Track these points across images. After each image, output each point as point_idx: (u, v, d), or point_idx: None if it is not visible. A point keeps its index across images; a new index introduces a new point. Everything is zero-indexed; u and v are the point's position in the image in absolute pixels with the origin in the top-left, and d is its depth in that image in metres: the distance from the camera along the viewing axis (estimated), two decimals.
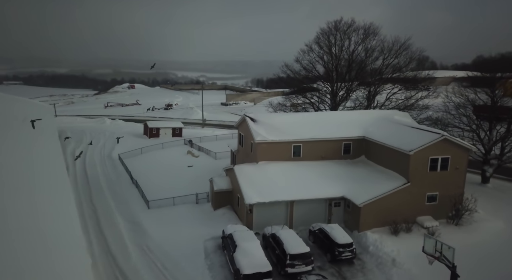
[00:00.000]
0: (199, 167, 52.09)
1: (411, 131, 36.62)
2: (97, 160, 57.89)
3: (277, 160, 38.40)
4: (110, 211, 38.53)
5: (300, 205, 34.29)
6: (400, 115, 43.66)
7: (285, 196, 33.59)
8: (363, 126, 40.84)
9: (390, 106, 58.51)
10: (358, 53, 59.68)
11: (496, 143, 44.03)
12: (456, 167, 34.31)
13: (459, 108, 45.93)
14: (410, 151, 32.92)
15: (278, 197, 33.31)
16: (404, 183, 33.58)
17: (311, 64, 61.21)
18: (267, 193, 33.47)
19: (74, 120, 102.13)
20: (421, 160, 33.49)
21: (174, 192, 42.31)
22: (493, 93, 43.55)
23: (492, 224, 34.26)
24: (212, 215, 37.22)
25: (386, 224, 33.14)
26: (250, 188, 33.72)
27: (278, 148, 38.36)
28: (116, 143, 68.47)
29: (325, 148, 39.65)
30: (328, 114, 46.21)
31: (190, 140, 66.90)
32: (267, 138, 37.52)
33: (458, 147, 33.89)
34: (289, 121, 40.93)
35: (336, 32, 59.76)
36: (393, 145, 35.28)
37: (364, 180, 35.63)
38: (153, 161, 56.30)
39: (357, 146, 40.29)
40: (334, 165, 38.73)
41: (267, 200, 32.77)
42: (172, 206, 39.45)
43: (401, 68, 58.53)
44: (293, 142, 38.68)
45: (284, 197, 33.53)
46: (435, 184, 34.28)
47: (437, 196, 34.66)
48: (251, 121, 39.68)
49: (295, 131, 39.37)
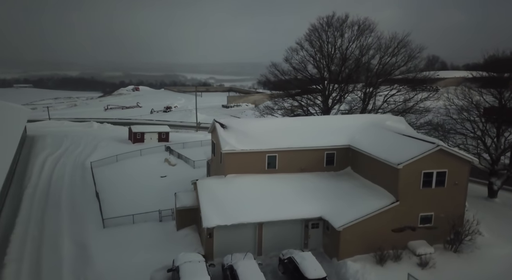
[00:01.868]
0: (174, 177, 47.25)
1: (403, 140, 31.37)
2: (68, 168, 53.41)
3: (249, 173, 33.42)
4: (59, 232, 33.90)
5: (271, 227, 29.27)
6: (393, 120, 38.34)
7: (252, 217, 28.58)
8: (350, 133, 35.67)
9: (387, 109, 53.20)
10: (352, 51, 54.46)
11: (505, 151, 38.54)
12: (455, 183, 29.02)
13: (462, 112, 40.52)
14: (398, 165, 27.71)
15: (244, 219, 28.31)
16: (392, 202, 28.39)
17: (301, 63, 56.10)
18: (232, 214, 28.50)
19: (61, 124, 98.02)
20: (413, 174, 28.28)
21: (139, 207, 37.75)
22: (501, 95, 38.07)
23: (499, 250, 28.84)
24: (173, 236, 32.35)
25: (371, 250, 28.07)
26: (211, 208, 28.79)
27: (250, 159, 33.38)
28: (95, 149, 64.02)
29: (305, 158, 34.58)
30: (311, 119, 41.08)
31: (169, 146, 61.89)
32: (236, 148, 32.56)
33: (457, 159, 28.60)
34: (265, 127, 35.89)
35: (328, 28, 54.62)
36: (380, 156, 30.09)
37: (347, 197, 30.51)
38: (127, 170, 51.66)
39: (342, 156, 35.15)
40: (315, 179, 33.63)
41: (229, 222, 27.76)
42: (131, 225, 34.73)
43: (400, 67, 53.16)
44: (267, 152, 33.66)
45: (251, 218, 28.53)
46: (429, 203, 29.05)
47: (432, 217, 29.42)
48: (220, 128, 34.79)
49: (271, 139, 34.36)
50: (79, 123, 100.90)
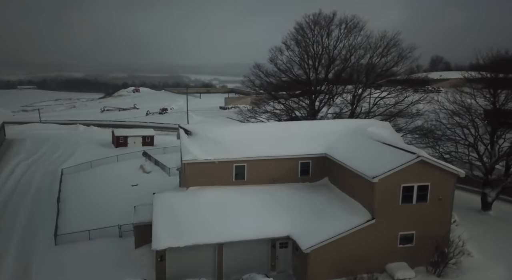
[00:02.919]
0: (146, 185, 44.11)
1: (383, 149, 28.09)
2: (38, 175, 50.53)
3: (214, 185, 30.29)
4: (6, 248, 30.90)
5: (233, 248, 26.06)
6: (378, 125, 35.07)
7: (210, 237, 25.37)
8: (328, 140, 32.46)
9: (378, 112, 49.90)
10: (340, 50, 51.16)
11: (499, 159, 35.18)
12: (439, 198, 25.75)
13: (453, 116, 37.19)
14: (373, 178, 24.47)
15: (201, 239, 25.10)
16: (367, 220, 25.16)
17: (286, 64, 52.86)
18: (188, 233, 25.30)
19: (47, 126, 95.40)
20: (390, 189, 25.04)
21: (102, 220, 34.80)
22: (495, 97, 34.72)
23: (488, 274, 25.53)
24: (129, 256, 29.20)
25: (344, 274, 24.88)
26: (164, 226, 25.61)
27: (215, 170, 30.24)
28: (73, 155, 61.17)
29: (277, 168, 31.40)
30: (286, 125, 37.87)
31: (145, 152, 58.76)
32: (198, 157, 29.43)
33: (441, 171, 25.32)
34: (235, 134, 32.74)
35: (315, 27, 51.38)
36: (356, 168, 26.86)
37: (320, 213, 27.31)
38: (99, 177, 48.65)
39: (318, 166, 31.95)
40: (287, 191, 30.41)
41: (183, 243, 24.56)
42: (87, 241, 31.71)
43: (390, 68, 49.84)
44: (234, 162, 30.49)
45: (209, 238, 25.31)
46: (410, 221, 25.81)
47: (413, 237, 26.17)
48: (184, 135, 31.70)
49: (240, 147, 31.21)
50: (65, 126, 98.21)
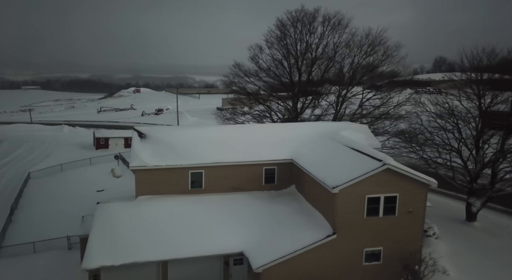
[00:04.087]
0: (112, 191, 41.51)
1: (350, 155, 25.41)
2: (4, 179, 48.08)
3: (167, 194, 27.67)
4: None
5: (179, 266, 23.37)
6: (353, 129, 32.34)
7: (153, 254, 22.65)
8: (297, 145, 29.81)
9: (362, 114, 47.19)
10: (324, 48, 48.45)
11: (485, 166, 32.37)
12: (409, 211, 23.06)
13: (436, 120, 34.43)
14: (333, 188, 21.79)
15: (141, 256, 22.41)
16: (327, 235, 22.46)
17: (267, 62, 50.23)
18: (127, 250, 22.63)
19: (32, 127, 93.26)
20: (354, 200, 22.38)
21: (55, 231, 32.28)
22: (480, 99, 31.90)
23: None
24: (72, 272, 26.56)
25: None
26: (101, 241, 22.97)
27: (168, 177, 27.59)
28: (47, 157, 58.82)
29: (239, 175, 28.72)
30: (253, 128, 35.19)
31: (117, 155, 56.13)
32: (147, 163, 26.80)
33: (411, 181, 22.62)
34: (194, 137, 30.09)
35: (297, 23, 48.75)
36: (317, 176, 24.19)
37: (280, 226, 24.61)
38: (66, 182, 46.16)
39: (285, 173, 29.26)
40: (248, 201, 27.73)
41: (118, 262, 21.87)
42: (31, 254, 29.18)
43: (375, 67, 47.09)
44: (190, 168, 27.84)
45: (151, 255, 22.61)
46: (377, 236, 23.13)
47: (380, 253, 23.45)
48: (136, 137, 29.11)
49: (198, 151, 28.56)
50: (50, 126, 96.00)
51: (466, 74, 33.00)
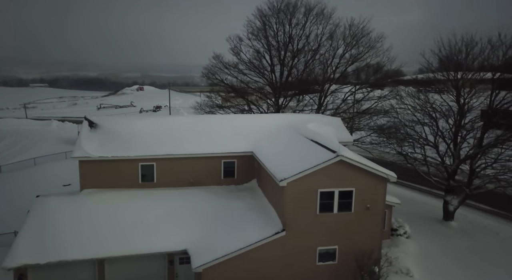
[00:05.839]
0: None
1: (308, 147, 23.54)
2: None
3: (116, 187, 25.93)
4: None
5: (118, 265, 21.65)
6: (323, 121, 30.40)
7: (86, 252, 20.83)
8: (259, 137, 27.99)
9: (342, 109, 45.28)
10: (306, 39, 46.50)
11: (462, 162, 30.36)
12: (367, 207, 21.15)
13: (414, 114, 32.45)
14: (281, 181, 19.95)
15: (72, 254, 20.53)
16: (276, 232, 20.62)
17: (247, 54, 48.37)
18: (58, 247, 20.79)
19: (20, 122, 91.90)
20: (305, 195, 20.52)
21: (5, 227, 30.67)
22: (459, 96, 29.81)
23: None
24: None
25: None
26: (30, 238, 21.20)
27: (116, 170, 25.83)
28: (25, 151, 57.34)
29: (195, 169, 26.95)
30: (211, 118, 33.24)
31: None
32: (91, 154, 25.03)
33: (368, 175, 20.72)
34: (146, 127, 28.31)
35: (278, 13, 46.87)
36: (270, 169, 22.34)
37: (231, 223, 22.83)
38: (36, 176, 44.39)
39: (245, 166, 27.47)
40: (203, 196, 25.92)
41: (45, 260, 20.02)
42: None
43: (358, 59, 45.06)
44: (140, 160, 26.07)
45: (83, 253, 20.76)
46: (331, 234, 21.27)
47: (335, 252, 21.56)
48: (86, 127, 27.40)
49: (150, 142, 26.80)
50: (39, 121, 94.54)
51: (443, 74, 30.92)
